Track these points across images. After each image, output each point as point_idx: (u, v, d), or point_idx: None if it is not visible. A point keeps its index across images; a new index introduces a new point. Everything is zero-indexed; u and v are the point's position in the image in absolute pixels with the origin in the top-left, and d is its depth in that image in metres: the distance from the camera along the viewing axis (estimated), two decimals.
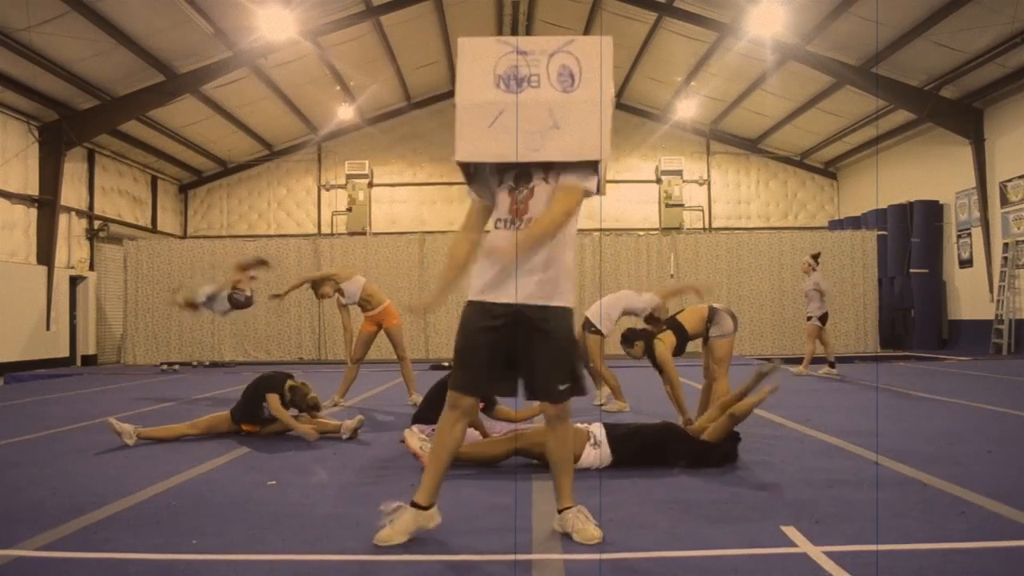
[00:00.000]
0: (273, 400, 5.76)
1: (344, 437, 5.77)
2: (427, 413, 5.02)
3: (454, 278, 3.31)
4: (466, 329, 3.21)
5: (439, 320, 15.95)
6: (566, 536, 3.25)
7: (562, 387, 3.17)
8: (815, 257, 11.03)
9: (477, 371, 3.19)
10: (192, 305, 8.59)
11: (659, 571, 2.89)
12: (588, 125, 3.09)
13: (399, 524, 3.16)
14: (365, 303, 8.09)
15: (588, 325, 7.20)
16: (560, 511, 3.29)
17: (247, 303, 8.56)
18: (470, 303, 3.23)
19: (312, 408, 5.92)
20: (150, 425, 5.92)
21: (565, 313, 3.18)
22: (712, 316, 6.06)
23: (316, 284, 8.16)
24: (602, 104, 3.09)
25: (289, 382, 5.88)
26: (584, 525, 3.19)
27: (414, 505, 3.18)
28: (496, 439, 4.71)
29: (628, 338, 6.23)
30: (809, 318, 11.05)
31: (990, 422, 6.34)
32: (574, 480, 3.39)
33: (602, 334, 7.16)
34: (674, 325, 6.21)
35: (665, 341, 6.06)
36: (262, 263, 9.03)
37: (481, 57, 3.11)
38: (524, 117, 3.07)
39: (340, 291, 8.04)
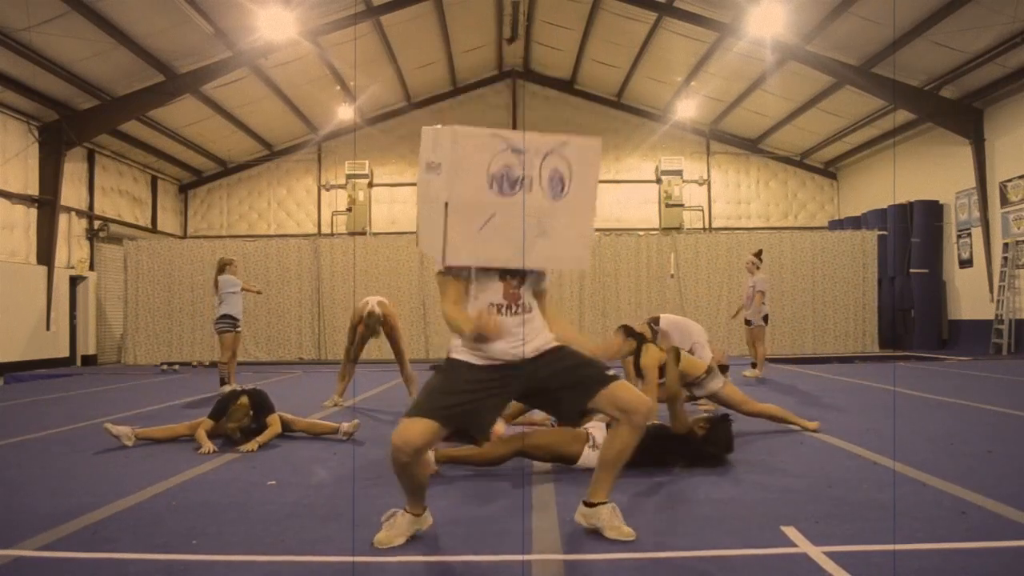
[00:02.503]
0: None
1: (342, 439, 5.76)
2: None
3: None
4: (448, 379, 3.14)
5: (439, 320, 15.93)
6: (577, 536, 3.25)
7: (610, 371, 3.16)
8: (758, 255, 10.57)
9: (446, 404, 3.06)
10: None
11: (659, 571, 2.89)
12: (574, 235, 3.09)
13: (396, 527, 3.19)
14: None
15: (654, 321, 7.32)
16: (592, 504, 3.25)
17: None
18: (455, 361, 3.14)
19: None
20: (150, 425, 5.92)
21: (564, 347, 3.24)
22: (708, 372, 5.98)
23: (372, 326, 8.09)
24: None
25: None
26: (619, 524, 3.21)
27: (407, 511, 3.23)
28: (497, 441, 4.71)
29: (628, 333, 6.21)
30: (748, 322, 10.57)
31: (990, 422, 6.34)
32: (574, 480, 3.39)
33: (655, 336, 7.15)
34: (675, 356, 6.11)
35: (654, 355, 5.97)
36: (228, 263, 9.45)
37: (475, 151, 2.99)
38: (515, 222, 3.01)
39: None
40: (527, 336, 3.13)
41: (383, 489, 4.20)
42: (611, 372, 3.17)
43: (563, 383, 3.16)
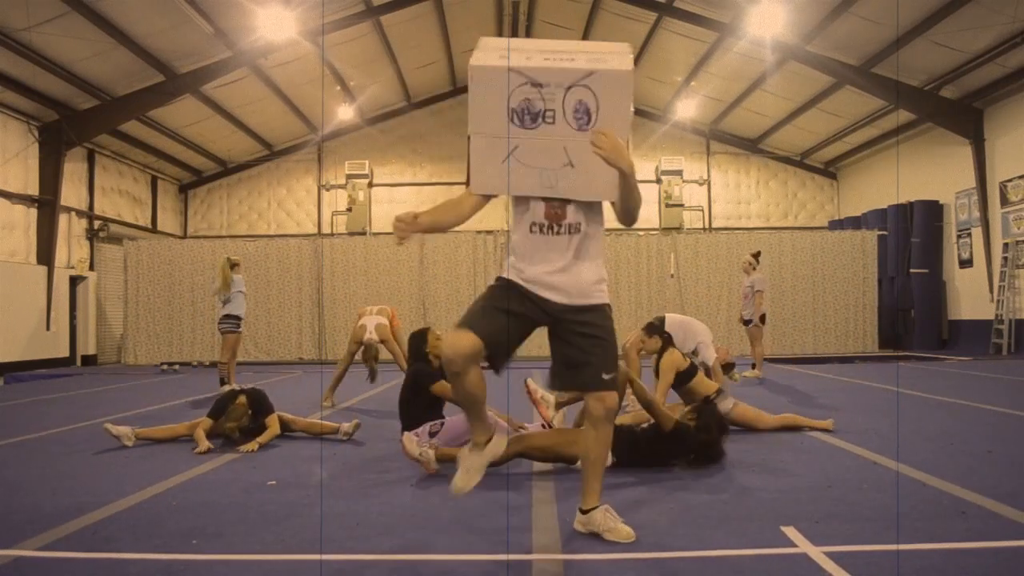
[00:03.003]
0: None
1: (342, 439, 5.76)
2: (409, 420, 4.99)
3: (438, 226, 3.30)
4: (491, 295, 3.18)
5: (440, 320, 15.93)
6: (577, 536, 3.25)
7: (607, 376, 3.12)
8: (756, 256, 10.62)
9: (488, 317, 3.10)
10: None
11: (659, 571, 2.89)
12: (605, 166, 2.98)
13: (467, 464, 3.21)
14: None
15: (659, 321, 7.26)
16: (586, 511, 3.25)
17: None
18: (508, 282, 3.17)
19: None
20: (150, 425, 5.92)
21: (604, 310, 3.20)
22: (718, 392, 5.97)
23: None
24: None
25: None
26: (616, 524, 3.20)
27: (475, 446, 3.25)
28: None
29: (654, 328, 6.21)
30: (748, 321, 10.58)
31: (990, 422, 6.34)
32: (573, 480, 3.39)
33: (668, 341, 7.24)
34: (692, 370, 6.11)
35: (676, 360, 5.96)
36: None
37: (494, 86, 2.96)
38: (538, 154, 2.98)
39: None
40: (562, 272, 3.09)
41: (383, 488, 4.20)
42: (613, 376, 3.14)
43: (572, 356, 3.15)
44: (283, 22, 13.76)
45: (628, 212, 3.14)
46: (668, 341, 6.16)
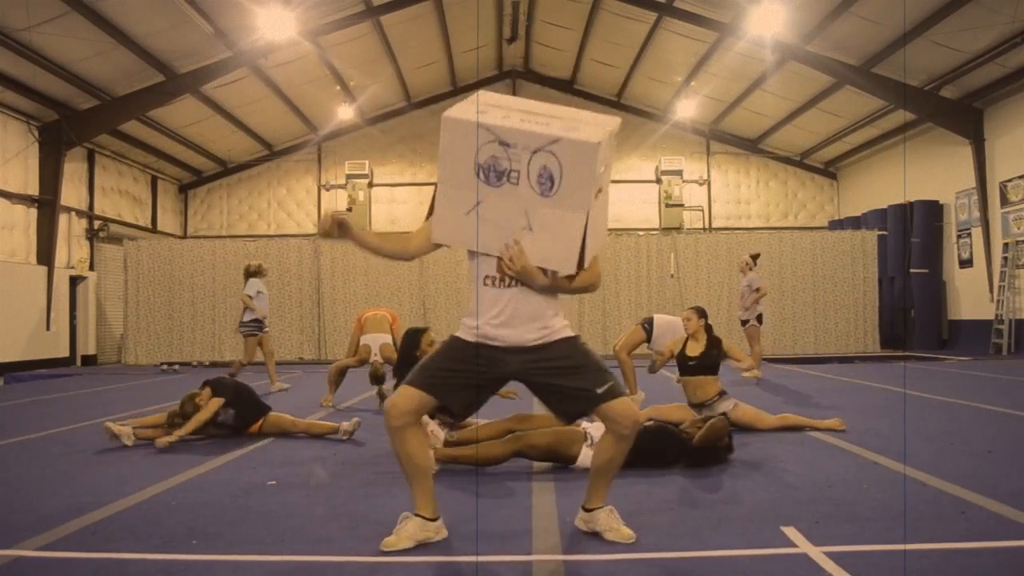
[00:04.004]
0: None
1: (342, 438, 5.77)
2: None
3: (376, 249, 3.38)
4: (442, 356, 3.15)
5: (439, 320, 15.94)
6: (577, 536, 3.25)
7: (600, 390, 3.05)
8: (755, 257, 10.61)
9: (438, 377, 3.09)
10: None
11: (659, 571, 2.89)
12: (562, 237, 2.95)
13: (404, 531, 3.13)
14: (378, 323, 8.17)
15: (647, 323, 7.52)
16: (590, 510, 3.26)
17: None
18: (457, 339, 3.13)
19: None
20: (149, 426, 5.92)
21: (574, 340, 3.14)
22: (719, 394, 5.99)
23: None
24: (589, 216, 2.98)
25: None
26: (618, 525, 3.20)
27: (417, 515, 3.17)
28: (496, 441, 4.71)
29: (703, 312, 6.23)
30: (745, 321, 10.57)
31: (990, 422, 6.34)
32: (573, 480, 3.39)
33: (648, 336, 7.44)
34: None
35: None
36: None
37: (464, 138, 2.95)
38: (500, 213, 2.96)
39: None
40: (520, 319, 3.04)
41: (383, 488, 4.20)
42: (608, 385, 3.06)
43: (560, 401, 3.14)
44: (283, 22, 13.75)
45: (580, 292, 3.20)
46: (711, 328, 6.20)
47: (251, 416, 5.92)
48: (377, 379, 7.93)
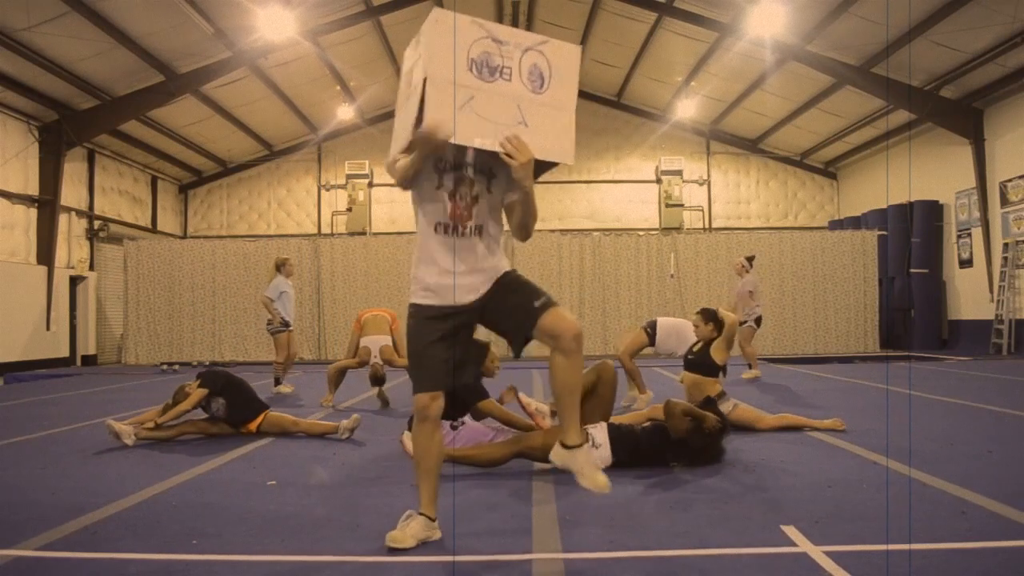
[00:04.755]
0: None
1: (342, 437, 5.77)
2: None
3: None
4: (419, 335, 3.14)
5: None
6: (577, 536, 3.25)
7: (538, 302, 3.02)
8: (750, 259, 10.57)
9: (435, 366, 3.11)
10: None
11: (659, 571, 2.89)
12: (558, 128, 3.04)
13: (410, 528, 3.14)
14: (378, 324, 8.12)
15: (650, 326, 7.45)
16: (569, 447, 3.06)
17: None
18: (417, 307, 3.14)
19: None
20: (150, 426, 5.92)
21: (512, 271, 3.17)
22: (719, 396, 5.94)
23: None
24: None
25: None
26: (592, 471, 3.04)
27: (422, 515, 3.19)
28: (497, 443, 4.71)
29: (711, 315, 6.13)
30: (743, 322, 10.33)
31: (990, 422, 6.34)
32: (573, 480, 3.36)
33: (653, 341, 7.39)
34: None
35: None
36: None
37: (455, 34, 2.96)
38: (494, 108, 2.96)
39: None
40: (474, 267, 3.06)
41: (383, 488, 4.20)
42: (543, 299, 3.04)
43: (506, 320, 3.12)
44: (283, 22, 13.76)
45: (525, 226, 3.13)
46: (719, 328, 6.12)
47: (245, 410, 5.92)
48: (377, 380, 7.91)
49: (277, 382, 9.49)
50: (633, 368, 7.39)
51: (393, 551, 3.06)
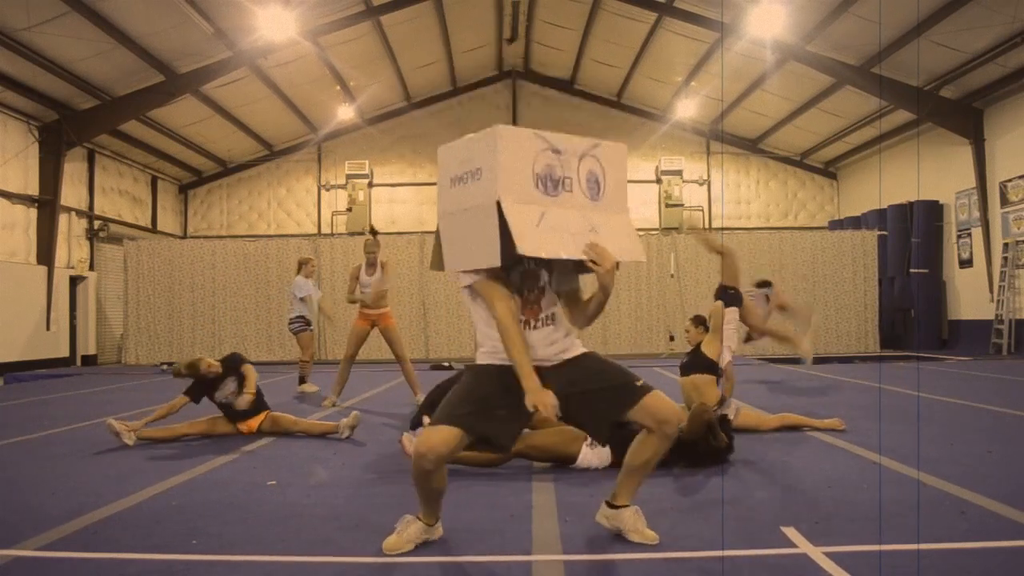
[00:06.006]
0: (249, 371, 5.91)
1: (343, 436, 5.77)
2: (425, 417, 5.01)
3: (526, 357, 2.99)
4: (474, 382, 3.08)
5: (439, 320, 15.96)
6: (577, 536, 3.25)
7: (639, 382, 3.04)
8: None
9: (480, 410, 2.98)
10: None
11: (659, 571, 2.89)
12: (625, 230, 3.10)
13: (407, 534, 3.13)
14: (375, 299, 8.15)
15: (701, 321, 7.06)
16: (616, 506, 3.21)
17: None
18: (487, 365, 3.08)
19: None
20: (150, 425, 5.92)
21: (593, 352, 3.17)
22: (721, 401, 5.91)
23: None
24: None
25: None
26: (643, 527, 3.18)
27: (420, 519, 3.17)
28: None
29: (700, 320, 6.20)
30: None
31: (990, 422, 6.34)
32: (573, 480, 3.38)
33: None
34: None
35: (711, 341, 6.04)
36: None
37: (519, 149, 2.93)
38: (564, 220, 2.96)
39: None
40: (550, 345, 3.07)
41: (383, 489, 4.20)
42: (641, 382, 3.06)
43: (595, 391, 3.03)
44: (283, 22, 13.76)
45: (591, 318, 3.14)
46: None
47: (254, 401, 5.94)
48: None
49: (302, 380, 9.59)
50: (773, 328, 7.40)
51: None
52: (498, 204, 2.82)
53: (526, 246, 2.84)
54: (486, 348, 3.09)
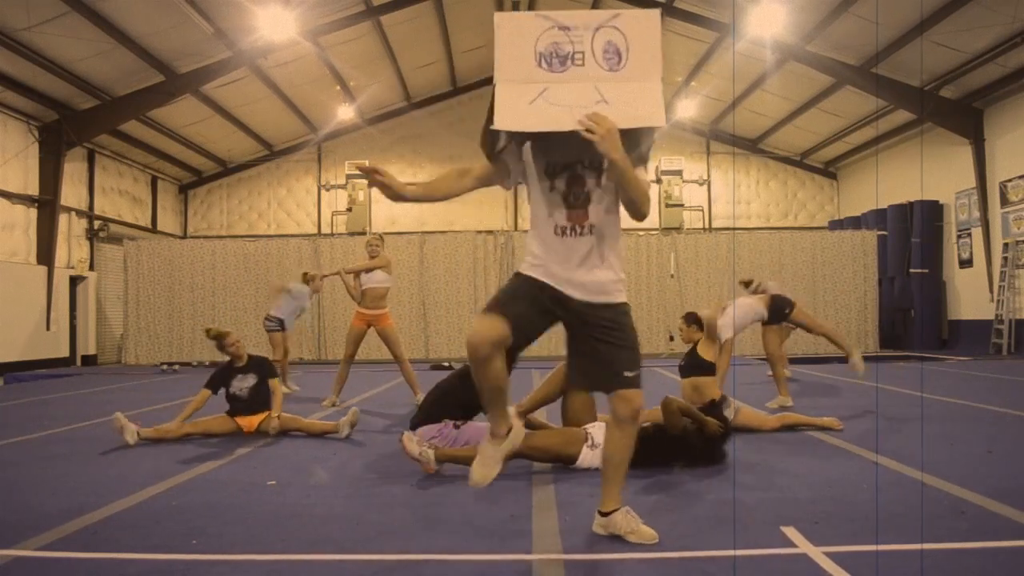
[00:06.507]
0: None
1: (343, 434, 5.77)
2: (426, 417, 5.01)
3: (411, 194, 3.12)
4: (513, 287, 3.10)
5: (439, 320, 15.96)
6: (577, 536, 3.25)
7: (629, 373, 3.04)
8: (746, 284, 10.26)
9: (511, 303, 3.03)
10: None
11: (659, 571, 2.89)
12: (643, 97, 2.83)
13: (487, 458, 3.14)
14: (373, 299, 8.17)
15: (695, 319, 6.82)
16: (606, 513, 3.21)
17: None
18: (521, 275, 3.10)
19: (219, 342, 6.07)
20: (150, 425, 5.92)
21: (623, 307, 3.11)
22: (720, 399, 5.88)
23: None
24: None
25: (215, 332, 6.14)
26: (638, 526, 3.17)
27: (494, 437, 3.16)
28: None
29: (692, 318, 6.14)
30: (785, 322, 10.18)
31: (990, 422, 6.34)
32: (573, 481, 3.38)
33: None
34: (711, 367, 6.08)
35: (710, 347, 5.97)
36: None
37: (519, 33, 2.87)
38: (570, 95, 2.84)
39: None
40: (584, 270, 3.02)
41: (383, 489, 4.20)
42: (636, 373, 3.06)
43: (592, 355, 3.09)
44: (283, 22, 13.76)
45: (631, 203, 2.96)
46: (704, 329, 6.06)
47: (262, 400, 6.01)
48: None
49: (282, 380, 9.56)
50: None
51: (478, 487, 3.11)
52: (493, 87, 2.82)
53: (506, 121, 2.81)
54: (528, 260, 3.11)
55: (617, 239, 3.12)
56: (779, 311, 7.62)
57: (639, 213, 2.97)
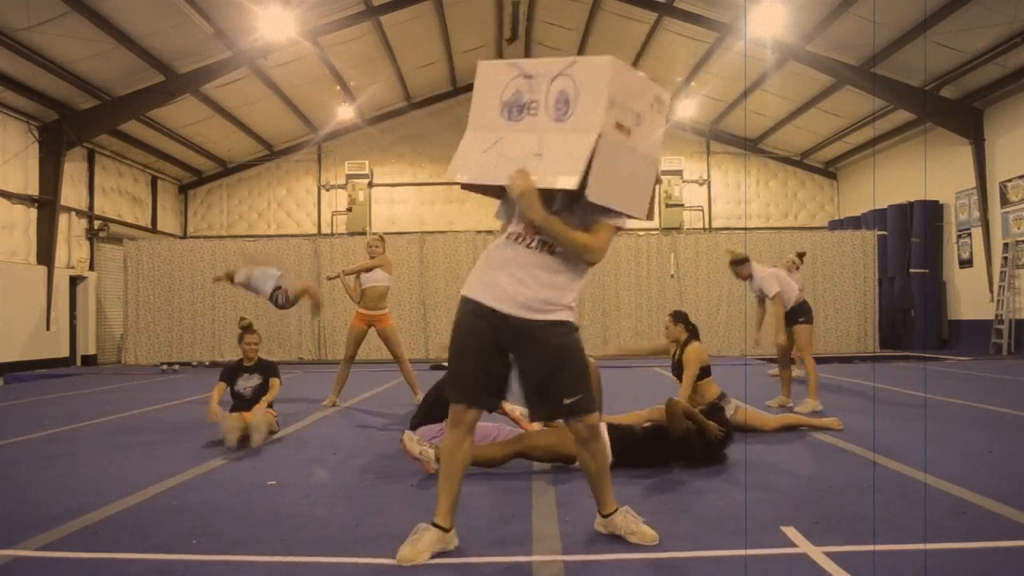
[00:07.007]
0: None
1: (252, 443, 5.52)
2: (425, 417, 5.01)
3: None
4: (459, 329, 3.12)
5: (439, 320, 15.94)
6: (577, 536, 3.25)
7: (568, 400, 3.00)
8: (801, 256, 10.05)
9: (467, 378, 3.08)
10: (231, 279, 8.89)
11: (659, 571, 2.89)
12: (570, 155, 2.83)
13: (421, 543, 3.02)
14: (373, 299, 8.15)
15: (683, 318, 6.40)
16: (606, 515, 3.23)
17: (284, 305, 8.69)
18: (463, 299, 3.12)
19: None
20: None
21: (563, 327, 3.01)
22: (720, 397, 5.86)
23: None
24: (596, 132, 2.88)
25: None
26: (638, 527, 3.18)
27: (435, 526, 3.08)
28: (498, 443, 4.71)
29: (680, 317, 6.05)
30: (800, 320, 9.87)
31: (990, 422, 6.34)
32: (573, 480, 3.38)
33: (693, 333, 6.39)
34: (707, 369, 6.03)
35: (700, 352, 5.84)
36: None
37: (493, 81, 2.98)
38: (518, 146, 2.93)
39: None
40: (526, 284, 2.96)
41: (383, 489, 4.20)
42: (573, 400, 3.01)
43: (533, 380, 3.06)
44: (283, 22, 13.76)
45: (570, 252, 2.97)
46: (693, 333, 6.02)
47: (261, 393, 6.03)
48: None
49: None
50: (811, 369, 7.24)
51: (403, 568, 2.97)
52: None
53: (456, 172, 2.97)
54: (475, 269, 3.16)
55: (578, 270, 3.05)
56: (802, 311, 7.55)
57: (583, 260, 3.01)
